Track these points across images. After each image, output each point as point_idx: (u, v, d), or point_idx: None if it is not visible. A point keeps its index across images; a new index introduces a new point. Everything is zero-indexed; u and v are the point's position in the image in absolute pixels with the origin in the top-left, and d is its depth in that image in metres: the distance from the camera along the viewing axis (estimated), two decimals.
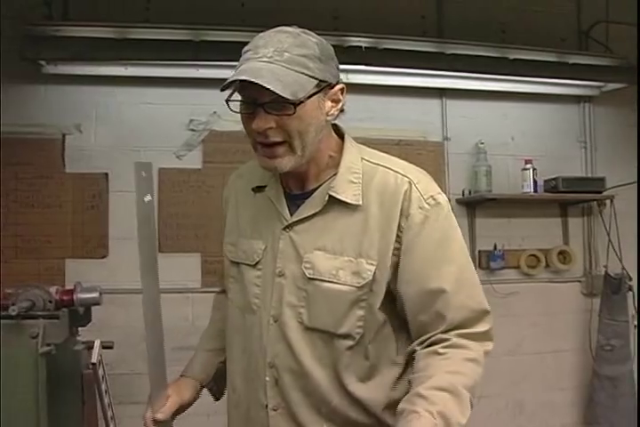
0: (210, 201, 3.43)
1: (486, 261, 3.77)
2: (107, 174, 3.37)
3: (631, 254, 3.85)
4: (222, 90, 1.28)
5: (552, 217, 3.95)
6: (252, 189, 1.52)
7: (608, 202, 3.89)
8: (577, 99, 4.02)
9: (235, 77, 1.24)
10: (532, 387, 3.74)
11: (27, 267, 3.22)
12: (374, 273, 1.35)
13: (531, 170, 3.71)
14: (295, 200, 1.44)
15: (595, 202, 3.93)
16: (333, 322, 1.37)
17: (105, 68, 3.27)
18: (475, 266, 3.91)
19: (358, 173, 1.40)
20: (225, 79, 1.27)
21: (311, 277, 1.37)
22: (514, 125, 3.92)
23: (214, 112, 3.46)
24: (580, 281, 3.98)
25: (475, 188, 3.72)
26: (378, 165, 1.42)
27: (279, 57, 1.26)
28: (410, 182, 1.37)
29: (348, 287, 1.35)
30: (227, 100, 1.31)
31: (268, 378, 1.41)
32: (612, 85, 3.82)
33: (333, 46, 1.39)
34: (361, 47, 3.33)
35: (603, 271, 3.88)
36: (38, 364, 1.58)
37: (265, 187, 1.49)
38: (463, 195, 3.76)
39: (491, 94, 3.83)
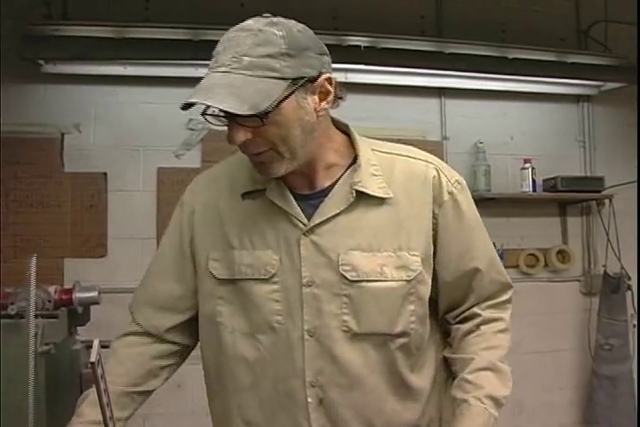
0: None
1: None
2: (105, 174, 3.36)
3: (630, 254, 3.85)
4: (183, 109, 1.18)
5: (551, 216, 3.95)
6: (242, 195, 1.35)
7: (607, 201, 3.89)
8: (576, 98, 4.02)
9: (187, 100, 1.15)
10: (531, 386, 3.74)
11: (25, 266, 3.20)
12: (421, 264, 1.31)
13: (530, 169, 3.72)
14: (307, 200, 1.32)
15: (594, 201, 3.93)
16: (387, 323, 1.29)
17: (104, 68, 3.27)
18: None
19: (377, 164, 1.33)
20: None
21: (355, 279, 1.27)
22: (513, 125, 3.92)
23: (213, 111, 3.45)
24: (579, 280, 3.98)
25: (474, 187, 3.71)
26: (393, 154, 1.38)
27: (238, 64, 1.14)
28: (436, 169, 1.36)
29: (397, 283, 1.28)
30: (203, 114, 1.22)
31: (310, 399, 1.27)
32: (611, 85, 3.82)
33: (332, 46, 1.33)
34: (360, 46, 3.34)
35: (602, 271, 3.88)
36: (37, 363, 1.57)
37: (263, 191, 1.32)
38: None
39: (490, 94, 3.83)
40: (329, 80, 1.25)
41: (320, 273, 1.28)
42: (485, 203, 3.69)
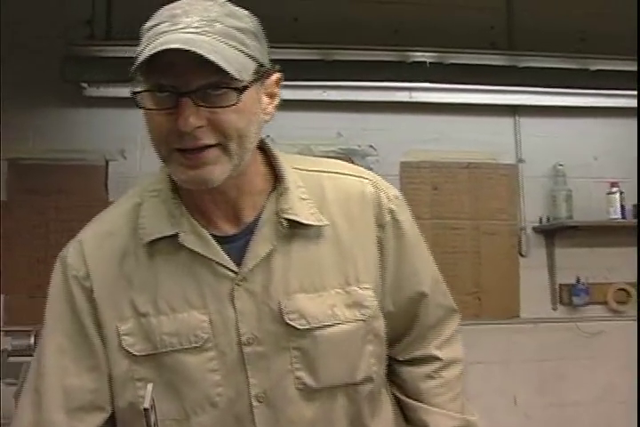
0: None
1: (568, 296, 3.69)
2: None
3: None
4: (131, 76, 1.05)
5: None
6: (148, 246, 1.17)
7: None
8: None
9: (157, 48, 0.98)
10: None
11: None
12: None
13: (617, 194, 3.64)
14: (231, 243, 1.17)
15: None
16: (348, 371, 1.20)
17: None
18: (555, 301, 3.90)
19: (302, 186, 1.21)
20: None
21: (305, 327, 1.16)
22: (596, 144, 3.85)
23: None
24: None
25: (554, 214, 3.66)
26: (318, 171, 1.26)
27: (210, 28, 1.02)
28: (372, 185, 1.26)
29: (353, 324, 1.19)
30: (135, 92, 1.07)
31: None
32: None
33: (394, 62, 1.28)
34: (425, 63, 3.35)
35: None
36: None
37: (174, 236, 1.15)
38: (541, 222, 3.71)
39: (569, 110, 3.78)
40: (278, 82, 1.17)
41: (262, 327, 1.15)
42: (567, 232, 3.63)
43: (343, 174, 1.27)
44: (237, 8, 1.10)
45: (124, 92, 3.30)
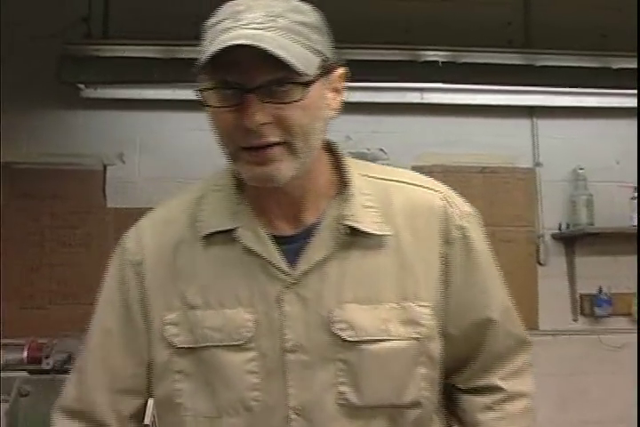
0: None
1: (590, 306, 3.67)
2: (152, 209, 3.41)
3: None
4: (198, 73, 1.08)
5: None
6: (205, 238, 1.21)
7: None
8: None
9: (223, 45, 1.01)
10: None
11: (63, 313, 3.26)
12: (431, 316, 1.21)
13: None
14: (288, 244, 1.19)
15: None
16: (395, 391, 1.18)
17: (151, 92, 3.37)
18: (575, 312, 3.88)
19: (369, 193, 1.22)
20: None
21: (353, 339, 1.15)
22: (618, 147, 3.83)
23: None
24: None
25: (574, 221, 3.65)
26: (389, 180, 1.27)
27: (273, 23, 1.05)
28: (443, 198, 1.26)
29: (405, 342, 1.17)
30: (199, 90, 1.10)
31: None
32: None
33: (405, 62, 1.27)
34: (437, 62, 3.34)
35: None
36: None
37: (232, 231, 1.19)
38: (560, 229, 3.69)
39: (589, 111, 3.78)
40: (343, 76, 1.19)
41: (308, 334, 1.15)
42: (588, 239, 3.61)
43: (413, 185, 1.28)
44: (300, 2, 1.12)
45: (123, 93, 3.36)
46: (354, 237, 1.18)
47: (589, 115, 3.81)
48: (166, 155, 3.48)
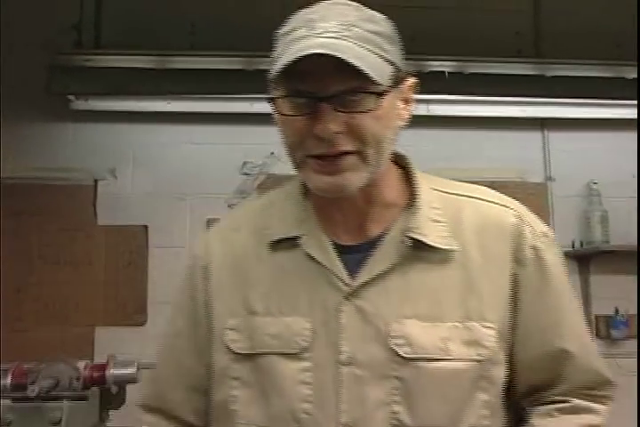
0: None
1: (606, 328, 3.65)
2: (146, 227, 3.43)
3: None
4: (272, 81, 1.11)
5: None
6: (270, 245, 1.27)
7: None
8: None
9: (299, 54, 1.05)
10: None
11: (50, 336, 3.26)
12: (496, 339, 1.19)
13: None
14: (351, 254, 1.22)
15: None
16: (450, 416, 1.16)
17: (143, 104, 3.37)
18: (591, 335, 3.82)
19: (438, 208, 1.25)
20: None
21: (409, 356, 1.15)
22: (634, 160, 3.81)
23: (272, 153, 3.50)
24: None
25: (587, 238, 3.64)
26: (461, 195, 1.29)
27: (348, 32, 1.09)
28: (516, 215, 1.28)
29: (465, 364, 1.16)
30: (271, 99, 1.14)
31: None
32: None
33: (411, 72, 1.31)
34: (443, 72, 3.36)
35: None
36: None
37: (296, 238, 1.24)
38: (573, 247, 3.67)
39: (603, 123, 3.77)
40: (413, 87, 1.24)
41: (364, 348, 1.17)
42: (602, 257, 3.59)
43: (486, 201, 1.29)
44: (374, 12, 1.17)
45: (115, 105, 3.36)
46: (418, 251, 1.20)
47: (603, 127, 3.80)
48: (160, 169, 3.48)
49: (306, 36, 1.10)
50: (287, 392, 1.18)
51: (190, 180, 3.47)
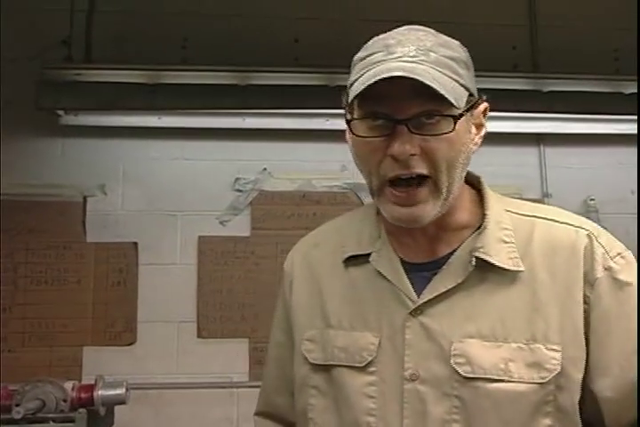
0: (260, 275, 3.43)
1: None
2: (136, 244, 3.41)
3: None
4: (349, 103, 1.19)
5: None
6: (344, 261, 1.34)
7: None
8: None
9: (379, 76, 1.09)
10: None
11: (36, 357, 3.24)
12: (561, 362, 1.17)
13: None
14: (419, 271, 1.27)
15: None
16: None
17: (134, 119, 3.37)
18: None
19: (509, 229, 1.27)
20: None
21: (469, 375, 1.17)
22: (632, 176, 3.81)
23: (264, 169, 3.50)
24: None
25: None
26: (534, 217, 1.30)
27: (425, 57, 1.15)
28: (589, 236, 1.26)
29: (527, 386, 1.16)
30: (349, 120, 1.21)
31: None
32: None
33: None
34: None
35: None
36: None
37: (368, 255, 1.32)
38: None
39: (601, 138, 3.77)
40: (485, 112, 1.28)
41: (427, 365, 1.20)
42: None
43: (559, 222, 1.30)
44: (449, 38, 1.25)
45: (105, 120, 3.35)
46: (485, 271, 1.23)
47: (601, 142, 3.81)
48: (151, 185, 3.47)
49: (384, 60, 1.16)
50: (353, 404, 1.24)
51: (181, 196, 3.46)
